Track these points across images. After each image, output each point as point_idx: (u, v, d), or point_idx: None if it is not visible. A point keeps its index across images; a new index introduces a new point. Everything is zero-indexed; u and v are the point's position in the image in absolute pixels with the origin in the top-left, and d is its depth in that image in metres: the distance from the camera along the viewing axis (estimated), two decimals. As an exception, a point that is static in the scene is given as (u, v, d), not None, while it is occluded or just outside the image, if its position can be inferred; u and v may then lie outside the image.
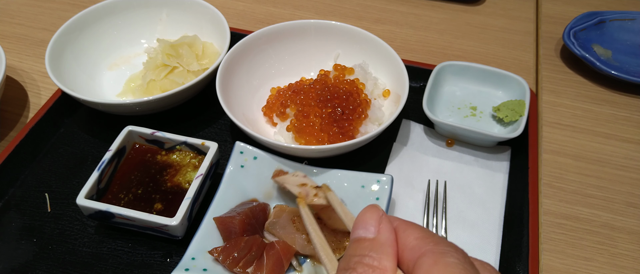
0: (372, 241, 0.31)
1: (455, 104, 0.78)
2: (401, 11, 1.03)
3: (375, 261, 0.30)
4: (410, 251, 0.30)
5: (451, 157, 0.73)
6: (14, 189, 0.70)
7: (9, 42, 0.95)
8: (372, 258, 0.30)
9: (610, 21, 0.91)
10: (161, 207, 0.63)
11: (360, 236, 0.32)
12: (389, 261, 0.30)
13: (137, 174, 0.66)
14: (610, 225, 0.65)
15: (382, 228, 0.32)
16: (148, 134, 0.67)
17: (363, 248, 0.31)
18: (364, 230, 0.32)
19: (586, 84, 0.85)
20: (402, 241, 0.31)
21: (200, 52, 0.83)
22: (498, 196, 0.68)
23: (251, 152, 0.67)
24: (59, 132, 0.77)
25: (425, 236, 0.31)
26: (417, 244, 0.30)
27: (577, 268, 0.61)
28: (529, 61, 0.91)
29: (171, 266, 0.61)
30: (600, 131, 0.77)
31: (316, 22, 0.83)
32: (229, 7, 1.03)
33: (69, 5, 1.04)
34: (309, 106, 0.71)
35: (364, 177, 0.64)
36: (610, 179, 0.70)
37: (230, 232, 0.59)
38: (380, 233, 0.31)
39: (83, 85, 0.79)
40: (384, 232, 0.31)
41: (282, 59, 0.84)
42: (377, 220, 0.32)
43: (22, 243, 0.64)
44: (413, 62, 0.84)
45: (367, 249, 0.31)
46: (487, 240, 0.63)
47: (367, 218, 0.32)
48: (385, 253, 0.30)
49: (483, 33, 0.97)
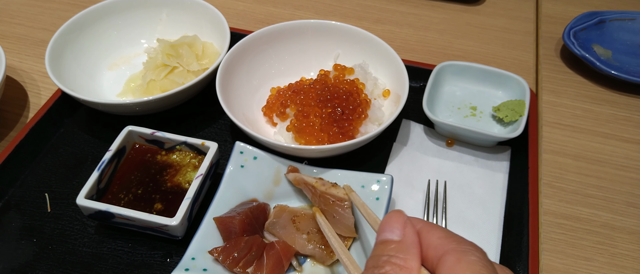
0: (398, 243, 0.34)
1: (455, 104, 0.78)
2: (401, 11, 1.03)
3: (402, 261, 0.32)
4: (433, 250, 0.33)
5: (451, 157, 0.73)
6: (14, 189, 0.69)
7: (9, 42, 0.95)
8: (399, 258, 0.32)
9: (610, 21, 0.91)
10: (161, 207, 0.63)
11: (387, 238, 0.34)
12: (414, 261, 0.32)
13: (137, 174, 0.66)
14: (610, 225, 0.65)
15: (407, 231, 0.34)
16: (148, 134, 0.67)
17: (390, 250, 0.33)
18: (390, 233, 0.34)
19: (586, 84, 0.85)
20: (425, 241, 0.33)
21: (200, 52, 0.83)
22: (498, 196, 0.68)
23: (251, 152, 0.67)
24: (59, 132, 0.77)
25: (447, 236, 0.33)
26: (440, 243, 0.33)
27: (577, 268, 0.61)
28: (529, 61, 0.91)
29: (171, 266, 0.61)
30: (600, 131, 0.77)
31: (316, 22, 0.83)
32: (229, 7, 1.03)
33: (69, 5, 1.04)
34: (309, 106, 0.71)
35: (364, 177, 0.64)
36: (610, 179, 0.70)
37: (230, 232, 0.59)
38: (405, 235, 0.34)
39: (83, 85, 0.79)
40: (409, 235, 0.34)
41: (282, 59, 0.84)
42: (402, 223, 0.35)
43: (22, 243, 0.64)
44: (413, 62, 0.84)
45: (394, 250, 0.33)
46: (487, 240, 0.63)
47: (393, 221, 0.35)
48: (411, 253, 0.33)
49: (483, 33, 0.97)
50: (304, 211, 0.63)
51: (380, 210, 0.60)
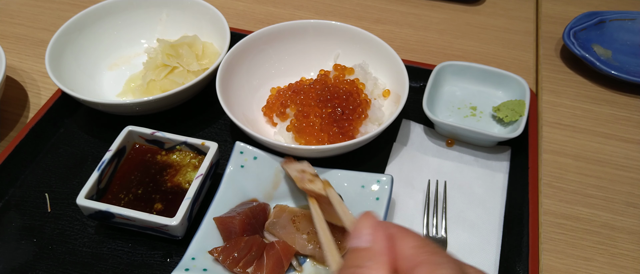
0: (367, 250, 0.31)
1: (455, 104, 0.78)
2: (401, 11, 1.03)
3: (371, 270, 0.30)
4: (406, 260, 0.30)
5: (451, 157, 0.73)
6: (14, 189, 0.69)
7: (9, 42, 0.95)
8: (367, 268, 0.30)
9: (610, 21, 0.91)
10: (161, 207, 0.63)
11: (355, 245, 0.32)
12: (383, 270, 0.30)
13: (137, 174, 0.66)
14: (610, 225, 0.65)
15: (377, 237, 0.31)
16: (148, 134, 0.67)
17: (358, 258, 0.31)
18: (358, 239, 0.32)
19: (586, 84, 0.85)
20: (398, 249, 0.31)
21: (200, 52, 0.83)
22: (498, 196, 0.68)
23: (251, 152, 0.67)
24: (59, 132, 0.77)
25: (421, 245, 0.31)
26: (413, 253, 0.30)
27: (577, 268, 0.61)
28: (529, 61, 0.91)
29: (171, 266, 0.61)
30: (600, 131, 0.77)
31: (316, 22, 0.83)
32: (229, 7, 1.03)
33: (69, 5, 1.04)
34: (309, 106, 0.71)
35: (364, 177, 0.64)
36: (610, 179, 0.70)
37: (230, 232, 0.59)
38: (375, 242, 0.31)
39: (83, 85, 0.79)
40: (379, 241, 0.31)
41: (282, 59, 0.84)
42: (372, 228, 0.32)
43: (22, 243, 0.64)
44: (413, 62, 0.84)
45: (362, 259, 0.31)
46: (487, 240, 0.63)
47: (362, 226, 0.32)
48: (380, 262, 0.30)
49: (483, 33, 0.97)
50: (304, 211, 0.63)
51: (380, 210, 0.60)
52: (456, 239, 0.63)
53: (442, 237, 0.63)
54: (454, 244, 0.63)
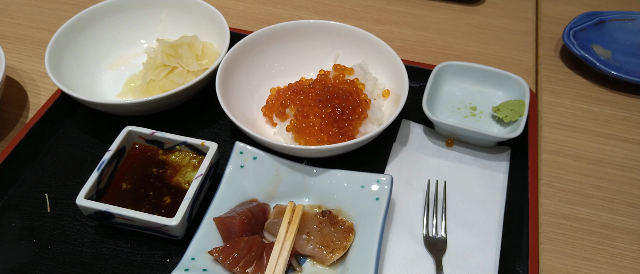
0: None
1: (455, 104, 0.78)
2: (401, 11, 1.03)
3: None
4: None
5: (451, 157, 0.73)
6: (13, 189, 0.69)
7: (9, 42, 0.95)
8: None
9: (610, 21, 0.91)
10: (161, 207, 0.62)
11: None
12: None
13: (137, 174, 0.66)
14: (610, 225, 0.65)
15: None
16: (148, 134, 0.67)
17: None
18: None
19: (586, 84, 0.85)
20: None
21: (200, 52, 0.83)
22: (498, 196, 0.68)
23: (251, 153, 0.67)
24: (58, 132, 0.77)
25: None
26: None
27: (577, 268, 0.61)
28: (529, 61, 0.91)
29: (171, 266, 0.61)
30: (600, 131, 0.77)
31: (316, 22, 0.83)
32: (228, 7, 1.03)
33: (69, 5, 1.04)
34: (308, 106, 0.71)
35: (363, 178, 0.64)
36: (610, 179, 0.70)
37: (230, 232, 0.59)
38: None
39: (83, 85, 0.79)
40: None
41: (281, 59, 0.84)
42: None
43: (22, 243, 0.64)
44: (413, 62, 0.84)
45: None
46: (487, 240, 0.63)
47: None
48: None
49: (483, 33, 0.97)
50: (304, 211, 0.62)
51: (379, 210, 0.60)
52: (456, 239, 0.63)
53: (441, 237, 0.63)
54: (454, 244, 0.63)
